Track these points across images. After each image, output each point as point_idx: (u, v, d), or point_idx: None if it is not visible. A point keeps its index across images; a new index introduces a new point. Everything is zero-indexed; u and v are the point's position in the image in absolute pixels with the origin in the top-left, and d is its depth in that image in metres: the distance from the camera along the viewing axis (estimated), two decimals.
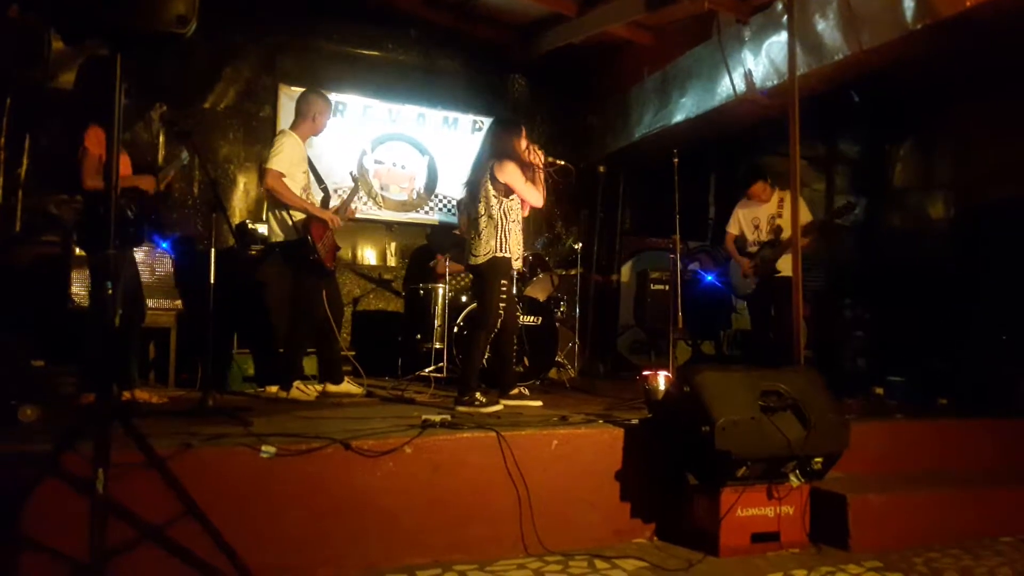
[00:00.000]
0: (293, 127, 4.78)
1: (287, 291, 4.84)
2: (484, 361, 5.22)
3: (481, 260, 4.36)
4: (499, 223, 4.34)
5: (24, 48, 5.51)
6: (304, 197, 4.68)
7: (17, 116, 5.55)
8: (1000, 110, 6.59)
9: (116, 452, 2.33)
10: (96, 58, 5.00)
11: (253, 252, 5.75)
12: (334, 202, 5.04)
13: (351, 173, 5.56)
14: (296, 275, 4.71)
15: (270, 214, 4.79)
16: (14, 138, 5.64)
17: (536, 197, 4.47)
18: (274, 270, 4.87)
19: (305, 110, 4.76)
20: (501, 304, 4.35)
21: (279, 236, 4.72)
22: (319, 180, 4.97)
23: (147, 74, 5.78)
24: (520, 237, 4.48)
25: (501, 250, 4.34)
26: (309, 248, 4.55)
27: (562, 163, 4.68)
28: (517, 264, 4.48)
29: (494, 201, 4.36)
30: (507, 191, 4.38)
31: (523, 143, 4.50)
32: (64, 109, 5.52)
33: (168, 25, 2.30)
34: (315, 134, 4.86)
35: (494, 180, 4.36)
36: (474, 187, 4.49)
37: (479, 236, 4.38)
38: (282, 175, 4.55)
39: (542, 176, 4.54)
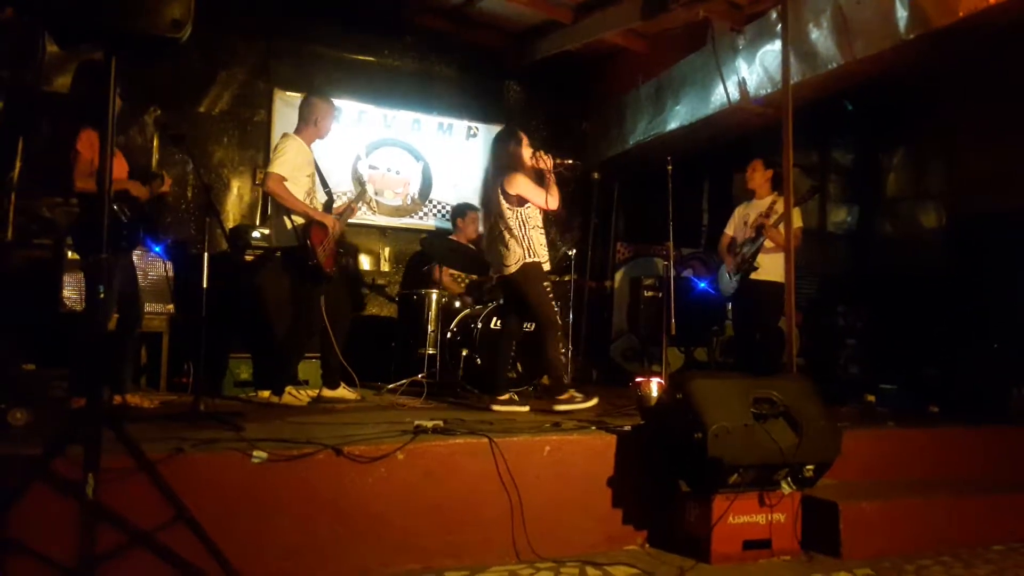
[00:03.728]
0: (297, 131, 4.76)
1: (285, 295, 4.82)
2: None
3: (514, 269, 4.48)
4: (520, 233, 4.48)
5: (18, 51, 5.51)
6: (308, 201, 4.64)
7: (10, 119, 5.54)
8: (992, 120, 6.64)
9: (106, 457, 2.33)
10: (91, 62, 5.00)
11: (249, 257, 5.73)
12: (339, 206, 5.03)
13: (359, 178, 5.53)
14: (295, 280, 4.69)
15: (272, 218, 4.75)
16: (7, 141, 5.62)
17: (550, 201, 4.55)
18: (273, 274, 4.86)
19: (307, 114, 4.75)
20: (551, 303, 4.51)
21: (279, 240, 4.70)
22: (324, 184, 4.93)
23: (141, 78, 5.79)
24: (544, 241, 4.61)
25: (530, 256, 4.48)
26: (308, 253, 4.52)
27: (569, 161, 4.78)
28: (547, 267, 4.61)
29: (509, 214, 4.49)
30: (520, 201, 4.50)
31: (527, 151, 4.60)
32: (58, 113, 5.51)
33: (163, 29, 2.30)
34: (320, 138, 4.83)
35: (506, 195, 4.49)
36: (488, 206, 4.62)
37: (506, 248, 4.48)
38: (283, 179, 4.52)
39: (553, 179, 4.61)
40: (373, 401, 4.97)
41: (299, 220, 4.59)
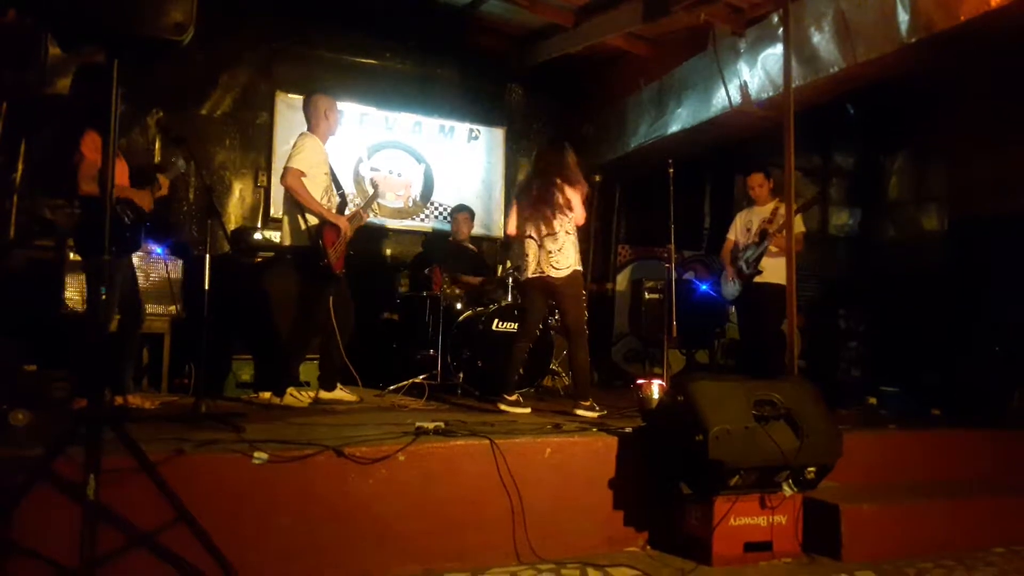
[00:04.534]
0: (311, 130, 4.76)
1: (294, 296, 4.84)
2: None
3: (565, 273, 4.57)
4: (574, 240, 4.62)
5: (20, 53, 5.52)
6: (325, 200, 4.65)
7: (12, 121, 5.55)
8: (993, 123, 6.64)
9: (108, 457, 2.33)
10: (92, 64, 5.01)
11: (259, 259, 5.76)
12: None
13: (371, 180, 5.60)
14: (304, 279, 4.71)
15: (284, 217, 4.76)
16: (9, 143, 5.63)
17: (583, 215, 4.72)
18: (282, 275, 4.92)
19: (315, 112, 4.77)
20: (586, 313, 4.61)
21: (292, 240, 4.70)
22: (337, 186, 4.95)
23: (144, 80, 5.81)
24: None
25: (577, 264, 4.61)
26: (320, 253, 4.53)
27: (597, 178, 4.93)
28: None
29: (569, 216, 4.61)
30: (570, 207, 4.63)
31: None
32: (60, 115, 5.52)
33: (165, 32, 2.30)
34: (332, 133, 4.85)
35: (568, 199, 4.61)
36: (542, 204, 4.65)
37: (560, 251, 4.56)
38: (302, 174, 4.52)
39: None
40: (374, 402, 4.97)
41: (312, 220, 4.60)
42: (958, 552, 3.51)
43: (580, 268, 4.64)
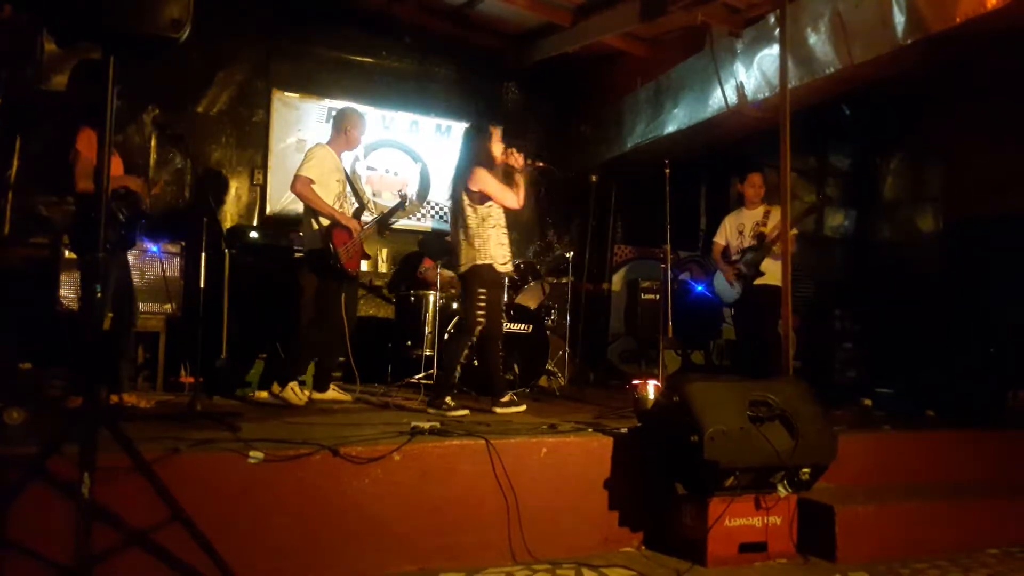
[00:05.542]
0: (328, 141, 4.98)
1: (310, 295, 5.04)
2: (474, 364, 5.26)
3: (463, 269, 4.49)
4: (476, 232, 4.43)
5: (16, 49, 5.50)
6: (338, 206, 4.80)
7: (8, 117, 5.53)
8: (989, 124, 6.66)
9: (103, 456, 2.32)
10: (88, 60, 5.00)
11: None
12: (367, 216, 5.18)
13: (399, 192, 5.72)
14: (320, 280, 4.84)
15: (302, 222, 4.99)
16: (5, 139, 5.61)
17: (512, 200, 4.52)
18: (304, 275, 5.18)
19: (336, 125, 5.01)
20: (479, 311, 4.43)
21: (307, 243, 4.89)
22: (355, 193, 5.14)
23: (140, 77, 5.78)
24: (504, 240, 4.53)
25: (481, 258, 4.42)
26: (330, 255, 4.66)
27: (541, 164, 4.84)
28: (506, 268, 4.54)
29: (469, 211, 4.46)
30: (482, 198, 4.45)
31: (498, 146, 4.57)
32: (56, 111, 5.50)
33: (162, 29, 2.30)
34: (349, 148, 5.07)
35: (467, 190, 4.46)
36: (454, 198, 4.62)
37: (459, 247, 4.51)
38: (311, 181, 4.69)
39: (520, 179, 4.59)
40: (370, 401, 4.97)
41: (325, 223, 4.74)
42: (953, 553, 3.52)
43: (486, 261, 4.40)
